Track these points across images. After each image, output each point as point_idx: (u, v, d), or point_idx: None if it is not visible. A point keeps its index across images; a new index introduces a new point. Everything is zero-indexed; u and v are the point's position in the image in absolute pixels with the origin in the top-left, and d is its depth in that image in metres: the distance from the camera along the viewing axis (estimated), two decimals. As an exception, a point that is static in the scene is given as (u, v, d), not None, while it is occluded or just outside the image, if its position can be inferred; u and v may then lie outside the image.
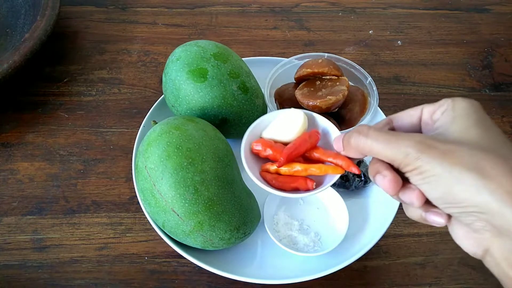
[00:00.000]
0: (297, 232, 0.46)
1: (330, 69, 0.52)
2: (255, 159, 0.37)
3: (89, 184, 0.52)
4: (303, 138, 0.35)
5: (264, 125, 0.39)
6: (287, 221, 0.47)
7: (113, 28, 0.69)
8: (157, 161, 0.39)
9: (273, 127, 0.38)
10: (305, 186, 0.35)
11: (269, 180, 0.36)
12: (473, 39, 0.71)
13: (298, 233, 0.46)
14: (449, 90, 0.64)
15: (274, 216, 0.47)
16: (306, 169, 0.35)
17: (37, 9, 0.61)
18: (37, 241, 0.48)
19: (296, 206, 0.48)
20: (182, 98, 0.47)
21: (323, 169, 0.34)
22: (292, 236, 0.46)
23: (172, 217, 0.40)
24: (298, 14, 0.73)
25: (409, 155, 0.27)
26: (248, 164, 0.36)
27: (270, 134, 0.38)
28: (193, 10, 0.73)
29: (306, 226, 0.47)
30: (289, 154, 0.35)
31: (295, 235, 0.46)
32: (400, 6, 0.76)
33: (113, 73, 0.63)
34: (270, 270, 0.45)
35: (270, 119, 0.39)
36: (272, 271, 0.44)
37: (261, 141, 0.37)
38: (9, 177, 0.53)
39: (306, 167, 0.35)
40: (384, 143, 0.28)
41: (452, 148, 0.26)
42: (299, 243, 0.45)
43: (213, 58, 0.48)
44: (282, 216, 0.47)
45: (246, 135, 0.38)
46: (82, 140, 0.56)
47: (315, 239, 0.46)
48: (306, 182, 0.35)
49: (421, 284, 0.47)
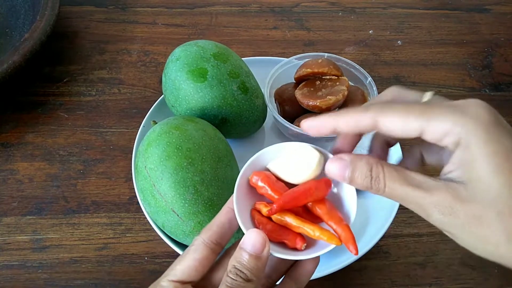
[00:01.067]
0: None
1: (330, 69, 0.52)
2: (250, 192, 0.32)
3: (89, 184, 0.52)
4: (308, 188, 0.30)
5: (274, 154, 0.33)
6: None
7: (113, 28, 0.69)
8: (157, 161, 0.39)
9: (282, 161, 0.32)
10: (294, 244, 0.30)
11: (257, 223, 0.30)
12: (473, 39, 0.71)
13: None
14: (449, 90, 0.64)
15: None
16: (299, 226, 0.29)
17: (36, 9, 0.61)
18: (37, 241, 0.48)
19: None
20: (182, 98, 0.47)
21: (317, 233, 0.29)
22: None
23: (172, 217, 0.40)
24: (298, 14, 0.73)
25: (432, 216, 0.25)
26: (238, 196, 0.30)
27: (276, 168, 0.32)
28: (193, 10, 0.73)
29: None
30: (285, 203, 0.29)
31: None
32: (400, 6, 0.76)
33: (113, 73, 0.63)
34: (270, 270, 0.44)
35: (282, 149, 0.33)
36: (272, 271, 0.44)
37: (262, 175, 0.31)
38: (8, 177, 0.53)
39: (300, 223, 0.29)
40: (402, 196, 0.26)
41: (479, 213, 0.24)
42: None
43: (213, 58, 0.48)
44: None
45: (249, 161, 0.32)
46: (82, 140, 0.56)
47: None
48: (296, 239, 0.30)
49: (421, 284, 0.47)
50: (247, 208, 0.31)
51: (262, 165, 0.33)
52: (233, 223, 0.30)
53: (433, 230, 0.50)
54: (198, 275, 0.29)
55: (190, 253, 0.29)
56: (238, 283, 0.27)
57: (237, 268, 0.27)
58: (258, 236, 0.28)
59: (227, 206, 0.31)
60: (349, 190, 0.31)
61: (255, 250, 0.27)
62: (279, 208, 0.29)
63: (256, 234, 0.28)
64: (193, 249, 0.29)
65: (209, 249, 0.29)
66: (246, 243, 0.28)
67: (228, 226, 0.30)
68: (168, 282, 0.28)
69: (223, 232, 0.30)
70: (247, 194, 0.31)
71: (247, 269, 0.27)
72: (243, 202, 0.31)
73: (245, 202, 0.31)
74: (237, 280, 0.27)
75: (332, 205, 0.30)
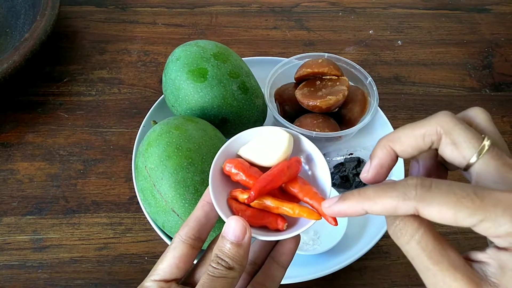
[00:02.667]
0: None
1: (330, 69, 0.52)
2: (226, 180, 0.31)
3: (89, 184, 0.52)
4: (281, 169, 0.30)
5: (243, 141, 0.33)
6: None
7: (113, 28, 0.69)
8: (157, 161, 0.39)
9: (253, 146, 0.32)
10: (275, 225, 0.30)
11: (235, 210, 0.30)
12: (473, 39, 0.71)
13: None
14: (449, 90, 0.64)
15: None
16: (278, 206, 0.29)
17: (37, 9, 0.61)
18: (37, 241, 0.48)
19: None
20: (182, 98, 0.47)
21: (296, 211, 0.29)
22: (292, 236, 0.46)
23: (172, 217, 0.40)
24: (298, 14, 0.73)
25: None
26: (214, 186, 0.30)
27: (247, 153, 0.32)
28: (193, 10, 0.73)
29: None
30: (261, 188, 0.29)
31: (295, 235, 0.46)
32: (400, 6, 0.76)
33: (113, 73, 0.63)
34: (270, 270, 0.44)
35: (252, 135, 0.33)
36: (272, 271, 0.44)
37: (235, 162, 0.31)
38: (9, 177, 0.53)
39: (279, 204, 0.29)
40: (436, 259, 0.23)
41: None
42: (299, 243, 0.45)
43: (213, 58, 0.48)
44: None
45: (220, 150, 0.32)
46: (82, 140, 0.56)
47: (314, 237, 0.46)
48: (276, 221, 0.30)
49: (421, 284, 0.46)
50: (224, 197, 0.31)
51: (234, 152, 0.32)
52: (209, 216, 0.30)
53: (433, 230, 0.50)
54: (180, 272, 0.29)
55: (170, 252, 0.29)
56: (219, 271, 0.27)
57: (219, 256, 0.27)
58: (238, 223, 0.28)
59: (202, 200, 0.31)
60: (321, 166, 0.32)
61: (236, 237, 0.27)
62: (257, 194, 0.29)
63: (236, 221, 0.28)
64: (172, 247, 0.30)
65: (188, 245, 0.29)
66: (227, 231, 0.28)
67: (205, 220, 0.30)
68: (152, 282, 0.29)
69: (200, 226, 0.30)
70: (221, 183, 0.31)
71: (229, 257, 0.27)
72: (219, 192, 0.30)
73: (221, 191, 0.31)
74: (219, 269, 0.27)
75: (304, 181, 0.30)
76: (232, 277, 0.27)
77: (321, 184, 0.31)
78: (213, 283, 0.26)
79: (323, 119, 0.51)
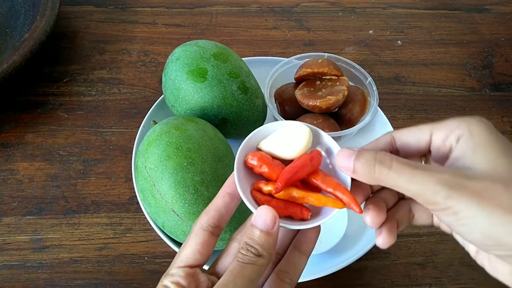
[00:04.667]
0: (296, 232, 0.46)
1: (330, 69, 0.52)
2: (248, 173, 0.32)
3: (89, 184, 0.52)
4: (304, 161, 0.31)
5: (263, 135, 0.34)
6: (287, 221, 0.47)
7: (113, 28, 0.69)
8: (157, 161, 0.39)
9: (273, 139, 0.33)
10: (300, 215, 0.31)
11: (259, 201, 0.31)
12: (473, 39, 0.71)
13: (298, 233, 0.46)
14: (449, 90, 0.64)
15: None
16: (304, 197, 0.30)
17: (36, 9, 0.61)
18: (36, 241, 0.48)
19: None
20: (182, 98, 0.47)
21: (322, 200, 0.30)
22: (292, 236, 0.46)
23: (172, 217, 0.40)
24: (298, 14, 0.73)
25: (439, 193, 0.24)
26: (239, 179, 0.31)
27: (268, 146, 0.33)
28: (193, 10, 0.73)
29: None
30: (288, 179, 0.30)
31: (295, 235, 0.46)
32: (400, 6, 0.76)
33: (113, 73, 0.63)
34: (270, 270, 0.44)
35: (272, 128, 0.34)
36: (272, 271, 0.44)
37: (258, 155, 0.32)
38: (8, 177, 0.53)
39: (304, 195, 0.30)
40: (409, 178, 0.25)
41: (487, 187, 0.24)
42: (299, 243, 0.45)
43: (213, 58, 0.48)
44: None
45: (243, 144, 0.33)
46: (82, 140, 0.56)
47: (315, 239, 0.46)
48: (301, 211, 0.31)
49: (421, 284, 0.47)
50: (247, 189, 0.31)
51: (254, 146, 0.33)
52: (229, 206, 0.31)
53: (433, 230, 0.50)
54: (203, 258, 0.30)
55: (191, 239, 0.30)
56: (249, 258, 0.27)
57: (249, 244, 0.28)
58: (269, 212, 0.28)
59: (223, 190, 0.32)
60: None
61: (266, 226, 0.28)
62: (284, 184, 0.30)
63: (266, 210, 0.28)
64: (193, 235, 0.30)
65: (209, 233, 0.30)
66: (257, 220, 0.28)
67: (225, 210, 0.31)
68: (177, 269, 0.29)
69: (220, 215, 0.31)
70: (245, 175, 0.32)
71: (258, 244, 0.28)
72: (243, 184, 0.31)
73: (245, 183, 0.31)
74: (248, 255, 0.27)
75: (326, 174, 0.31)
76: (261, 264, 0.27)
77: (341, 176, 0.32)
78: (243, 269, 0.27)
79: (323, 119, 0.51)
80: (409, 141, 0.29)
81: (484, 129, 0.26)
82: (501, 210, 0.23)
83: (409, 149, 0.29)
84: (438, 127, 0.28)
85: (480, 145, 0.26)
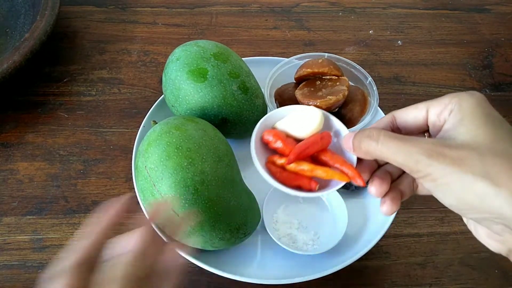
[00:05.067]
0: (296, 230, 0.46)
1: (330, 69, 0.52)
2: (263, 149, 0.36)
3: (89, 184, 0.52)
4: (315, 139, 0.35)
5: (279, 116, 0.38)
6: (286, 219, 0.47)
7: (113, 28, 0.69)
8: (157, 161, 0.39)
9: (288, 120, 0.37)
10: (309, 186, 0.34)
11: (273, 173, 0.35)
12: (473, 39, 0.71)
13: (298, 231, 0.46)
14: (449, 90, 0.64)
15: (274, 215, 0.47)
16: (313, 170, 0.34)
17: (37, 9, 0.61)
18: (37, 241, 0.48)
19: (295, 205, 0.48)
20: (182, 98, 0.47)
21: (329, 173, 0.33)
22: (292, 235, 0.46)
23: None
24: (298, 14, 0.73)
25: (420, 162, 0.27)
26: (256, 152, 0.35)
27: (283, 126, 0.37)
28: (193, 10, 0.73)
29: (305, 224, 0.47)
30: (299, 153, 0.34)
31: (295, 233, 0.46)
32: (400, 6, 0.76)
33: (113, 73, 0.63)
34: (270, 270, 0.45)
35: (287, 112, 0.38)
36: (272, 271, 0.44)
37: (274, 132, 0.36)
38: (9, 177, 0.53)
39: (313, 168, 0.34)
40: (394, 149, 0.28)
41: (463, 155, 0.26)
42: (298, 242, 0.46)
43: (213, 58, 0.48)
44: (281, 214, 0.47)
45: (259, 122, 0.37)
46: (82, 140, 0.56)
47: (314, 237, 0.46)
48: (310, 182, 0.34)
49: (421, 284, 0.47)
50: (263, 162, 0.35)
51: (270, 126, 0.37)
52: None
53: (433, 230, 0.50)
54: None
55: None
56: None
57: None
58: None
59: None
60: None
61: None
62: (295, 157, 0.34)
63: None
64: None
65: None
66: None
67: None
68: None
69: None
70: (260, 150, 0.36)
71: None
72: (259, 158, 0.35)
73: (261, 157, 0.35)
74: None
75: (334, 152, 0.35)
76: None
77: (348, 155, 0.35)
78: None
79: (323, 119, 0.51)
80: (408, 118, 0.32)
81: (473, 102, 0.28)
82: (471, 175, 0.25)
83: (409, 126, 0.32)
84: (433, 104, 0.30)
85: (466, 116, 0.28)
